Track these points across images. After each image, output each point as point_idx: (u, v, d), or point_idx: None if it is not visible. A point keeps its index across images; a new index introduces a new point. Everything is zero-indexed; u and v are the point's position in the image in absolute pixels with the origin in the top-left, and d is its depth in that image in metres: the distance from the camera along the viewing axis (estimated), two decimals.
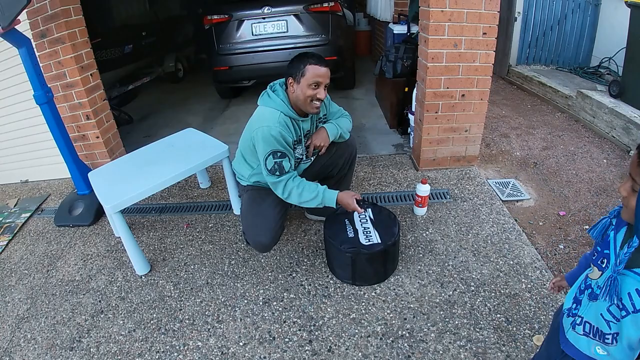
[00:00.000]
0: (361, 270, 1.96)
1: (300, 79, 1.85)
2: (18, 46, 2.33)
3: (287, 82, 1.93)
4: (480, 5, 2.42)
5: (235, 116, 4.60)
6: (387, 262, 2.00)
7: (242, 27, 4.22)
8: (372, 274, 1.99)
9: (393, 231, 2.00)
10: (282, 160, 1.84)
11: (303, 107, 1.92)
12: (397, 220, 2.09)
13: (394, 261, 2.07)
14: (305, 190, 1.89)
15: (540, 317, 1.75)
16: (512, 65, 5.29)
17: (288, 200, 1.93)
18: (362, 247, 1.93)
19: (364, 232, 2.02)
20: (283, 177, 1.87)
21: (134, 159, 2.47)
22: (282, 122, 1.87)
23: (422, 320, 1.79)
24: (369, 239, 1.97)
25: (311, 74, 1.83)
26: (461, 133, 2.84)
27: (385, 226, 2.04)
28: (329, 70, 1.89)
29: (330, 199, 1.90)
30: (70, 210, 2.77)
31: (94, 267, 2.32)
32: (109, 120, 3.18)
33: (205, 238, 2.48)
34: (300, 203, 1.92)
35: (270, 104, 1.91)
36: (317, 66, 1.84)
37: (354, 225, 2.07)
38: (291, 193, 1.89)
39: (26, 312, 2.07)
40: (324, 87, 1.89)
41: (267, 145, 1.83)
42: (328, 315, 1.86)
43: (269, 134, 1.82)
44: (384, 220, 2.09)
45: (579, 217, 2.48)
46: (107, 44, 4.56)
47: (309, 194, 1.89)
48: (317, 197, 1.89)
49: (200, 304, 1.99)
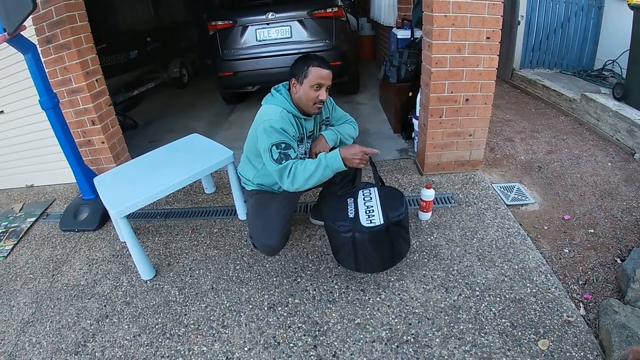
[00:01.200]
0: (364, 255, 1.87)
1: (303, 80, 1.89)
2: (24, 52, 2.35)
3: (290, 83, 1.97)
4: (484, 10, 2.43)
5: (240, 121, 4.62)
6: (394, 243, 1.89)
7: (247, 33, 4.24)
8: (377, 259, 1.90)
9: (399, 209, 1.89)
10: (288, 151, 1.82)
11: (305, 108, 1.95)
12: (405, 199, 1.97)
13: (402, 244, 1.96)
14: (307, 163, 1.80)
15: (545, 322, 1.74)
16: (515, 69, 5.29)
17: (294, 185, 1.81)
18: (362, 227, 1.82)
19: (366, 211, 1.91)
20: (289, 161, 1.81)
21: (139, 164, 2.49)
22: (285, 117, 1.89)
23: (427, 325, 1.78)
24: (371, 219, 1.86)
25: (314, 75, 1.87)
26: (465, 137, 2.84)
27: (391, 204, 1.93)
28: (331, 72, 1.92)
29: (333, 158, 1.79)
30: (76, 215, 2.78)
31: (99, 272, 2.33)
32: (114, 125, 3.20)
33: (210, 243, 2.48)
34: (309, 180, 1.79)
35: (273, 101, 1.95)
36: (319, 68, 1.87)
37: (356, 205, 1.97)
38: (296, 173, 1.79)
39: (31, 316, 2.08)
40: (325, 88, 1.92)
41: (270, 137, 1.82)
42: (333, 320, 1.86)
43: (271, 127, 1.83)
44: (389, 197, 1.98)
45: (584, 221, 2.46)
46: (113, 49, 4.60)
47: (312, 164, 1.79)
48: (320, 163, 1.79)
49: (205, 309, 1.99)
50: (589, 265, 2.12)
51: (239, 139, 3.72)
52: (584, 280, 2.02)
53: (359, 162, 1.81)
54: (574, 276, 2.05)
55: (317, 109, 1.97)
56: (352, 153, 1.79)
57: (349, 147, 1.83)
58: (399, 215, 1.88)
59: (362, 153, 1.80)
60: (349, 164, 1.81)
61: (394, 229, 1.87)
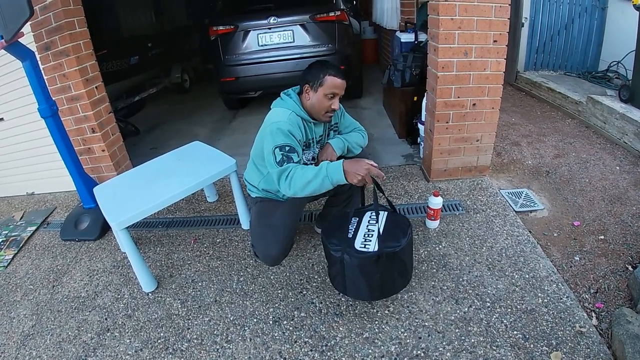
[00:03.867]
0: (351, 279, 1.72)
1: (318, 88, 1.85)
2: (22, 59, 2.31)
3: (302, 88, 1.92)
4: (491, 13, 2.38)
5: (243, 127, 4.58)
6: (385, 274, 1.71)
7: (248, 38, 4.21)
8: (365, 286, 1.73)
9: (399, 241, 1.72)
10: (291, 155, 1.76)
11: (316, 116, 1.93)
12: (410, 230, 1.79)
13: (397, 278, 1.78)
14: (307, 169, 1.69)
15: (558, 333, 1.69)
16: (520, 71, 5.25)
17: (291, 189, 1.70)
18: (353, 250, 1.68)
19: (365, 234, 1.77)
20: (290, 164, 1.73)
21: (139, 174, 2.44)
22: (293, 121, 1.85)
23: (438, 338, 1.73)
24: (366, 244, 1.71)
25: (329, 84, 1.84)
26: (472, 143, 2.79)
27: (392, 233, 1.76)
28: (345, 82, 1.90)
29: (335, 169, 1.64)
30: (76, 224, 2.74)
31: (100, 283, 2.29)
32: (114, 133, 3.16)
33: (213, 254, 2.43)
34: (306, 186, 1.68)
35: (283, 104, 1.92)
36: (335, 78, 1.85)
37: (359, 226, 1.83)
38: (294, 177, 1.68)
39: (31, 329, 2.04)
40: (338, 98, 1.91)
41: (275, 139, 1.77)
42: (340, 334, 1.80)
43: (278, 128, 1.79)
44: (395, 225, 1.82)
45: (594, 227, 2.42)
46: (114, 55, 4.58)
47: (312, 170, 1.67)
48: (320, 171, 1.65)
49: (208, 323, 1.94)
50: (600, 273, 2.07)
51: (242, 146, 3.72)
52: (596, 289, 1.98)
53: (359, 180, 1.62)
54: (585, 285, 2.01)
55: (328, 118, 1.95)
56: (356, 169, 1.62)
57: (355, 161, 1.66)
58: (395, 247, 1.70)
59: (367, 171, 1.62)
60: (349, 180, 1.63)
61: (386, 260, 1.68)
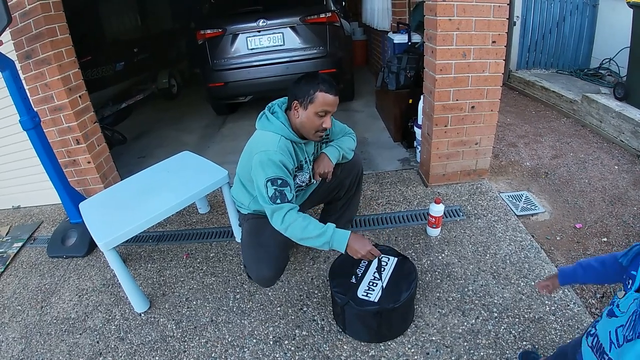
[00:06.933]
0: (351, 323, 1.75)
1: (308, 105, 1.71)
2: (1, 69, 2.19)
3: (290, 104, 1.78)
4: (489, 13, 2.32)
5: (233, 134, 4.48)
6: (382, 326, 1.71)
7: (237, 42, 4.10)
8: (364, 331, 1.75)
9: (401, 294, 1.70)
10: (284, 189, 1.66)
11: (306, 135, 1.79)
12: (414, 284, 1.76)
13: (397, 325, 1.78)
14: (311, 223, 1.64)
15: (567, 341, 1.64)
16: (512, 70, 5.22)
17: (287, 233, 1.66)
18: (354, 300, 1.69)
19: (370, 282, 1.77)
20: (285, 204, 1.66)
21: (127, 187, 2.33)
22: (283, 147, 1.72)
23: (446, 353, 1.67)
24: (368, 293, 1.72)
25: (320, 101, 1.69)
26: (471, 146, 2.73)
27: (396, 284, 1.75)
28: (338, 98, 1.75)
29: (340, 240, 1.61)
30: (64, 240, 2.63)
31: (90, 304, 2.18)
32: (100, 143, 3.03)
33: (206, 269, 2.33)
34: (302, 239, 1.65)
35: (270, 127, 1.76)
36: (327, 94, 1.69)
37: (367, 270, 1.83)
38: (292, 224, 1.63)
39: (21, 353, 1.94)
40: (330, 115, 1.77)
41: (266, 171, 1.66)
42: (345, 353, 1.72)
43: (268, 159, 1.66)
44: (401, 276, 1.79)
45: (596, 229, 2.39)
46: (98, 61, 4.43)
47: (316, 229, 1.62)
48: (324, 234, 1.61)
49: (205, 345, 1.85)
50: None
51: (232, 152, 3.62)
52: (602, 294, 1.95)
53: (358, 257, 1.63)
54: (591, 289, 1.98)
55: (319, 137, 1.81)
56: (359, 247, 1.61)
57: (360, 239, 1.63)
58: (395, 302, 1.67)
59: (369, 253, 1.61)
60: (349, 252, 1.62)
61: (386, 313, 1.68)
